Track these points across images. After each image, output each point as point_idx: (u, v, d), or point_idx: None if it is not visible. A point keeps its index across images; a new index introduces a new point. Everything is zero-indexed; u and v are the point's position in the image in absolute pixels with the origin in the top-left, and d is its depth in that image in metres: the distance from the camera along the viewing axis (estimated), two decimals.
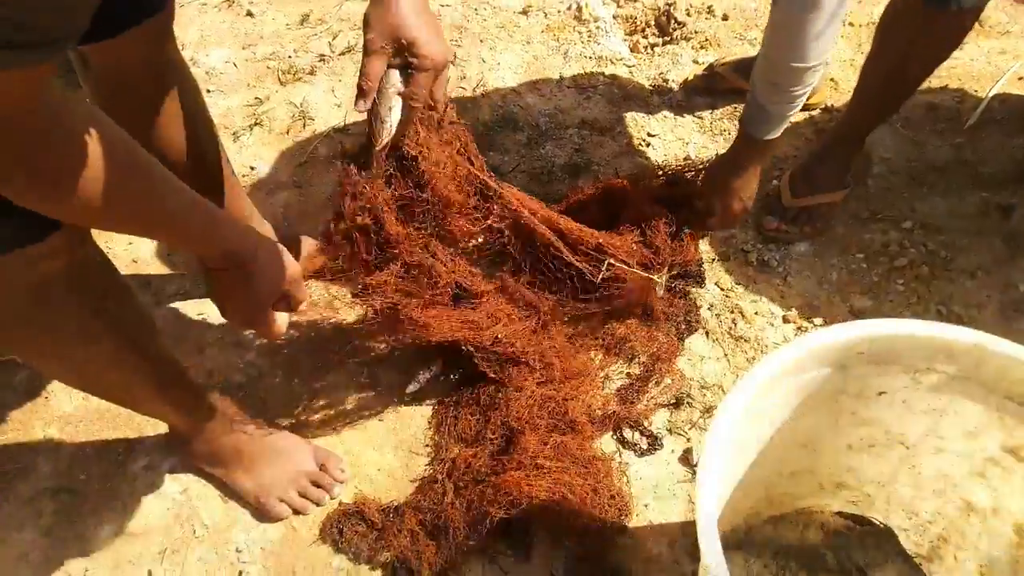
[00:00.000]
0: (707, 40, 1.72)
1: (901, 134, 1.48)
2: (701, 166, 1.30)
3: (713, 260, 1.32)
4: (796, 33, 1.00)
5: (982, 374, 0.74)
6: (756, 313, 1.24)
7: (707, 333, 1.22)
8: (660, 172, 1.37)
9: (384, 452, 1.11)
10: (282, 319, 0.84)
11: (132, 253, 1.38)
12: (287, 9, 1.87)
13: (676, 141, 1.53)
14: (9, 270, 0.66)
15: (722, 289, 1.28)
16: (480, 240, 1.05)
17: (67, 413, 1.16)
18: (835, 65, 1.63)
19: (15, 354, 1.10)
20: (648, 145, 1.51)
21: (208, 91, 1.64)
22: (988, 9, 1.70)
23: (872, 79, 1.21)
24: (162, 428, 1.11)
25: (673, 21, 1.77)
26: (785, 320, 1.23)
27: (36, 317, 0.73)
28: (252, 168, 1.50)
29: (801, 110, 1.52)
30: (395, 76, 0.81)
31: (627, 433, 1.10)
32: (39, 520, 1.05)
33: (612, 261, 1.11)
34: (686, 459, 1.08)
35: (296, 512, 1.03)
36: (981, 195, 1.36)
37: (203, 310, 1.29)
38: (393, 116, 0.83)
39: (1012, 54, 1.62)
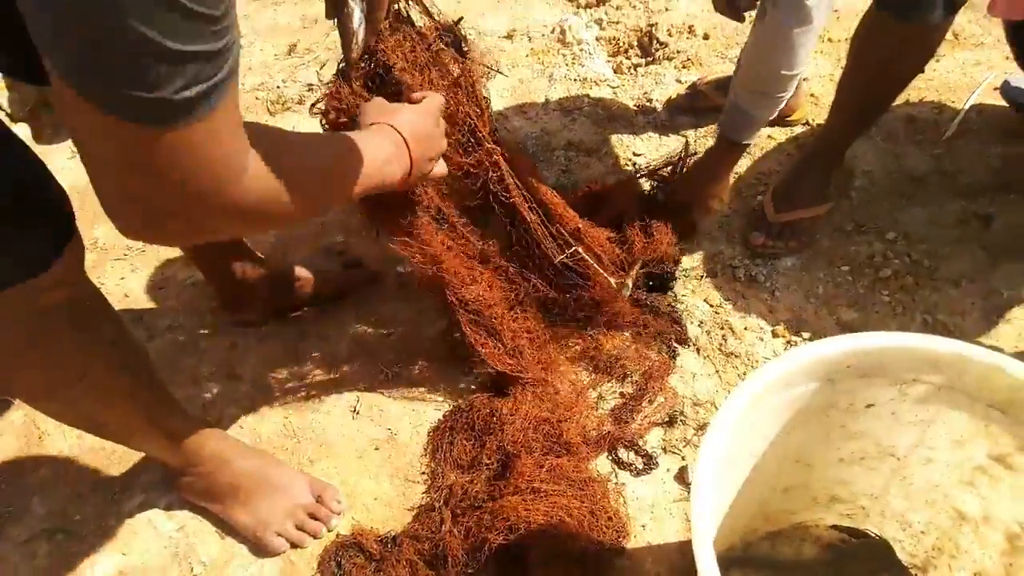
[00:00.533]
0: (689, 60, 1.75)
1: (881, 147, 1.51)
2: (675, 159, 1.37)
3: (702, 277, 1.33)
4: (788, 45, 1.10)
5: (965, 383, 0.75)
6: (746, 328, 1.25)
7: (698, 350, 1.23)
8: (639, 173, 1.41)
9: (380, 481, 1.11)
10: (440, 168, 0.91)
11: (124, 288, 1.38)
12: (275, 39, 1.90)
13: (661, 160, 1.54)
14: (10, 304, 0.67)
15: (711, 305, 1.29)
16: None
17: (61, 453, 1.16)
18: (815, 81, 1.66)
19: (9, 391, 1.10)
20: (634, 165, 1.53)
21: None
22: (962, 22, 1.74)
23: (848, 93, 1.24)
24: (157, 466, 1.11)
25: (655, 42, 1.80)
26: (774, 335, 1.24)
27: (33, 349, 0.74)
28: None
29: (783, 126, 1.57)
30: None
31: (622, 453, 1.11)
32: (34, 562, 1.04)
33: (579, 250, 1.11)
34: (681, 477, 1.08)
35: (294, 545, 1.03)
36: (961, 204, 1.39)
37: (197, 343, 1.29)
38: (355, 23, 0.85)
39: (986, 65, 1.65)
